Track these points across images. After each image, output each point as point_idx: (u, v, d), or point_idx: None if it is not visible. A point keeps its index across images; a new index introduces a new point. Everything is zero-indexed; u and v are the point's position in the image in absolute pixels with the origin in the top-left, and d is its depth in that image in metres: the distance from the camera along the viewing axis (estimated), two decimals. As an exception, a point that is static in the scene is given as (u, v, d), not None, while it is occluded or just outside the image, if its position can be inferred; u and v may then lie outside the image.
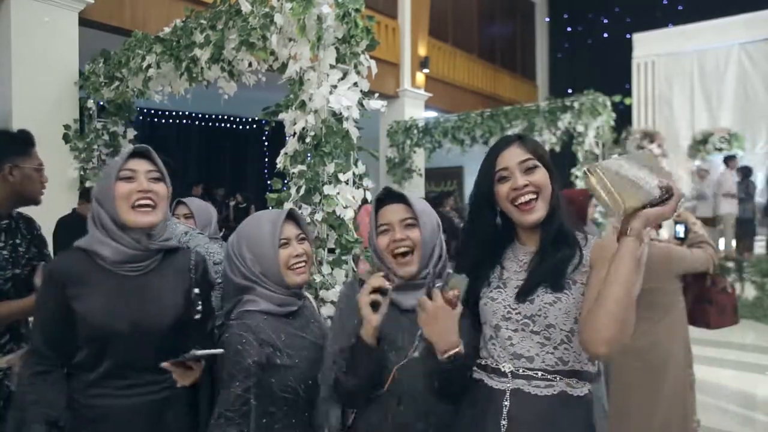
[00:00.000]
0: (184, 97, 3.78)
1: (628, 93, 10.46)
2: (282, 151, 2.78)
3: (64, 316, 1.35)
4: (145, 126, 10.41)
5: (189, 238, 2.08)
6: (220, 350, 1.34)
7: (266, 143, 13.08)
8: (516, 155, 1.33)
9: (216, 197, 10.02)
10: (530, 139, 1.37)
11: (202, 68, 3.31)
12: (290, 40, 2.67)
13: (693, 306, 2.85)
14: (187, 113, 11.43)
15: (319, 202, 2.59)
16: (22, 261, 1.92)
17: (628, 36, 11.70)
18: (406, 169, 8.53)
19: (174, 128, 11.43)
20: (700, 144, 10.23)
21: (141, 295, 1.39)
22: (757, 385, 4.60)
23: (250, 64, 3.08)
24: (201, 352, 1.30)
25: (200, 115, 11.71)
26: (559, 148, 7.07)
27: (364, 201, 2.63)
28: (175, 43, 3.51)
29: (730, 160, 8.88)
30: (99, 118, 4.74)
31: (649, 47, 11.27)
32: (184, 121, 11.61)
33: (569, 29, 14.38)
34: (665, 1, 12.67)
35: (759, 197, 8.87)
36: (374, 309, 1.31)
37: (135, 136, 4.89)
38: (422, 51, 9.32)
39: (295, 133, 2.69)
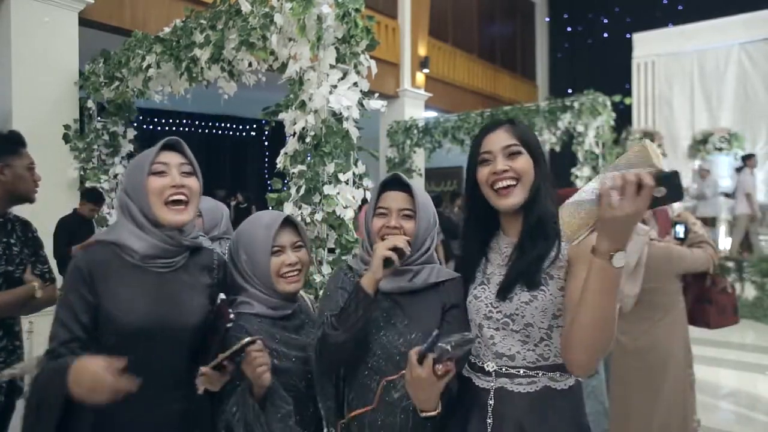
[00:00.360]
0: (184, 97, 3.78)
1: (628, 93, 10.46)
2: (282, 151, 2.78)
3: (89, 313, 1.28)
4: (145, 126, 10.42)
5: None
6: (248, 338, 1.26)
7: (266, 143, 13.09)
8: (501, 139, 1.30)
9: (217, 198, 9.99)
10: (520, 125, 1.34)
11: (202, 68, 3.31)
12: (290, 40, 2.67)
13: (693, 306, 2.86)
14: (187, 113, 11.43)
15: (319, 202, 2.60)
16: (16, 260, 1.97)
17: (628, 36, 11.71)
18: (406, 169, 8.53)
19: (174, 128, 11.43)
20: (700, 144, 10.24)
21: (171, 292, 1.34)
22: (757, 385, 4.59)
23: (250, 64, 3.08)
24: (237, 347, 1.23)
25: (200, 116, 11.70)
26: (559, 148, 7.08)
27: (364, 201, 2.63)
28: (175, 43, 3.51)
29: (748, 159, 8.64)
30: (99, 118, 4.74)
31: (649, 47, 11.28)
32: (184, 121, 11.61)
33: (569, 29, 14.39)
34: (665, 1, 12.67)
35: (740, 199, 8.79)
36: (386, 266, 1.30)
37: (135, 136, 4.90)
38: (422, 51, 9.32)
39: (295, 133, 2.69)
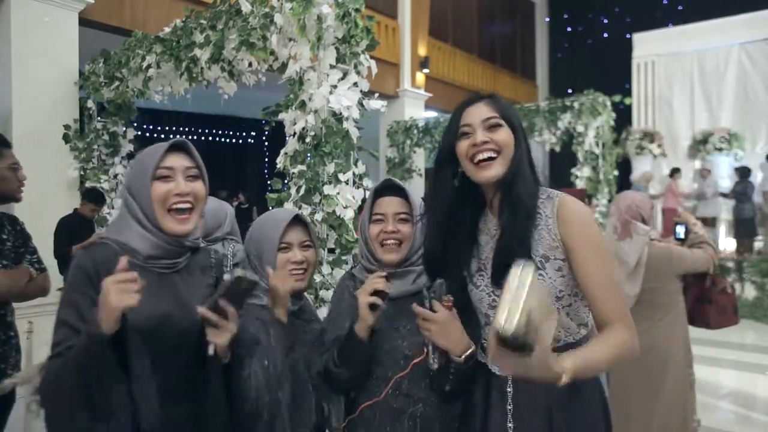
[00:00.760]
0: (184, 97, 3.78)
1: (628, 93, 10.47)
2: (282, 151, 2.78)
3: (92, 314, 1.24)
4: (145, 126, 10.41)
5: None
6: (238, 271, 1.23)
7: (266, 143, 13.08)
8: (481, 112, 1.29)
9: (219, 198, 10.00)
10: (500, 100, 1.32)
11: (202, 68, 3.31)
12: (290, 40, 2.67)
13: (693, 306, 2.86)
14: (187, 113, 11.42)
15: (319, 202, 2.59)
16: (12, 255, 2.03)
17: (628, 36, 11.72)
18: (406, 169, 8.53)
19: (174, 128, 11.41)
20: (700, 144, 10.24)
21: (174, 293, 1.34)
22: (757, 385, 4.59)
23: (250, 64, 3.08)
24: (230, 280, 1.19)
25: (200, 116, 11.70)
26: (559, 148, 7.08)
27: (364, 201, 2.63)
28: (175, 43, 3.51)
29: None
30: (99, 118, 4.74)
31: (649, 47, 11.28)
32: (184, 121, 11.59)
33: (569, 29, 14.38)
34: (665, 1, 12.66)
35: (757, 197, 8.81)
36: (372, 310, 1.34)
37: (135, 136, 4.90)
38: (422, 51, 9.32)
39: (295, 133, 2.69)
